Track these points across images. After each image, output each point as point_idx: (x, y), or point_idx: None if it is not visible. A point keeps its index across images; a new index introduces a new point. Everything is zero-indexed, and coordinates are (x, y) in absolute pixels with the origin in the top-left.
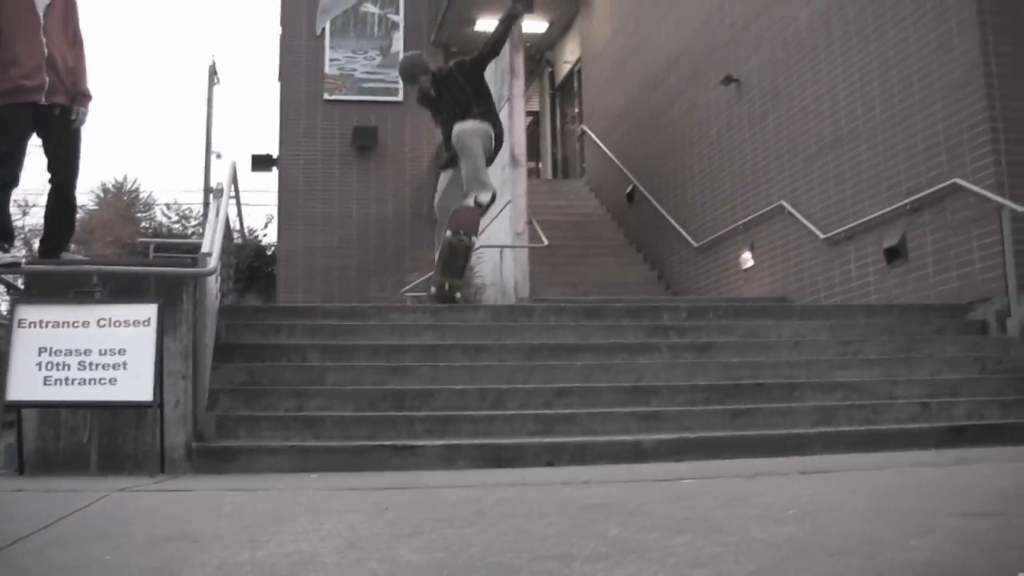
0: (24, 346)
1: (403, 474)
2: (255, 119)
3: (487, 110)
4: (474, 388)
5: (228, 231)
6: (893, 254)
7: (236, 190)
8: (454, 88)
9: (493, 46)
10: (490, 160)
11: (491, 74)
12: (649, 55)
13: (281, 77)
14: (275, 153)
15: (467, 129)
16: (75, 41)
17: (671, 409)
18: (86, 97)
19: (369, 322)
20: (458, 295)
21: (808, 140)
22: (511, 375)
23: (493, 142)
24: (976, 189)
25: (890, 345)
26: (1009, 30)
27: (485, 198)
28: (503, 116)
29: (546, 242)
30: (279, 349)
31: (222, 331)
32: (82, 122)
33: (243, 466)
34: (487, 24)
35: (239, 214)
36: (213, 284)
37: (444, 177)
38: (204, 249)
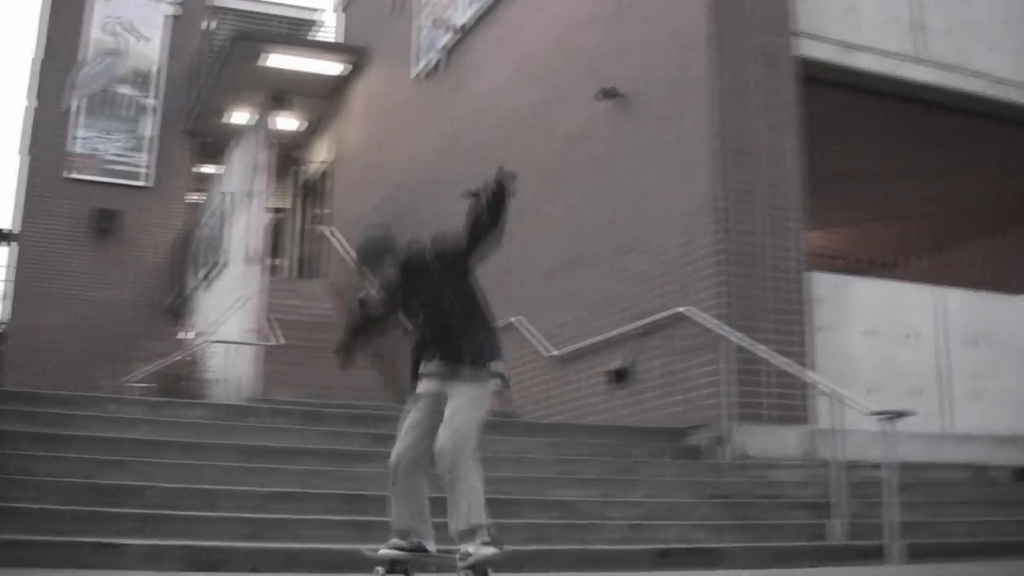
0: None
1: (106, 573)
2: None
3: (481, 336)
4: (187, 487)
5: None
6: (620, 376)
7: None
8: (426, 282)
9: (489, 223)
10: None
11: (238, 169)
12: (399, 163)
13: (24, 150)
14: (12, 228)
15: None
16: None
17: (387, 520)
18: None
19: (87, 412)
20: None
21: (547, 258)
22: (227, 476)
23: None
24: (700, 318)
25: (609, 466)
26: (743, 167)
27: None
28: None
29: (281, 341)
30: None
31: None
32: None
33: None
34: (239, 117)
35: None
36: None
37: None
38: None
